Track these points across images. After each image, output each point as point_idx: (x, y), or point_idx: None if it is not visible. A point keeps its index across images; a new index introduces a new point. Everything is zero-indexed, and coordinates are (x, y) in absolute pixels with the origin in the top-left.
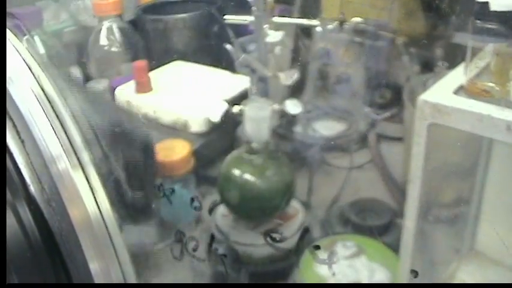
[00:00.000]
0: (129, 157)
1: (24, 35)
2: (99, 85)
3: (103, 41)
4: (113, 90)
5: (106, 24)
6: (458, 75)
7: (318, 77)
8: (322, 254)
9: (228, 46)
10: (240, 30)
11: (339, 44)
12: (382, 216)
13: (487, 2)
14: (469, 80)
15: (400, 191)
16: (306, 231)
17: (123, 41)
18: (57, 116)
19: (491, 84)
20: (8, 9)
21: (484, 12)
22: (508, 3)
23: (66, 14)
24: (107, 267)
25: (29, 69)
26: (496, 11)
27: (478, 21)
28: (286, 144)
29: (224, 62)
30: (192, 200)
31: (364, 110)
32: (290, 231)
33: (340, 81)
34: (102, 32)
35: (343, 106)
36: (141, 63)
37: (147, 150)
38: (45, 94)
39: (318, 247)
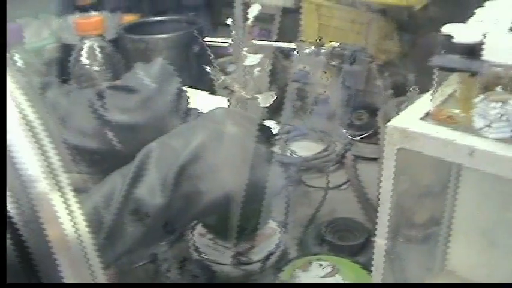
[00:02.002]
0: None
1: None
2: None
3: (84, 59)
4: None
5: (87, 43)
6: (426, 102)
7: (296, 98)
8: (289, 273)
9: (208, 68)
10: (221, 50)
11: (317, 66)
12: (357, 236)
13: (451, 34)
14: (435, 107)
15: (375, 211)
16: (270, 254)
17: (104, 60)
18: (36, 141)
19: (456, 111)
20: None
21: (449, 43)
22: (470, 36)
23: (48, 31)
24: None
25: (10, 94)
26: (459, 43)
27: (443, 52)
28: None
29: (204, 83)
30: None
31: (341, 131)
32: (266, 252)
33: (318, 103)
34: (83, 50)
35: (320, 127)
36: None
37: None
38: (25, 120)
39: (280, 269)
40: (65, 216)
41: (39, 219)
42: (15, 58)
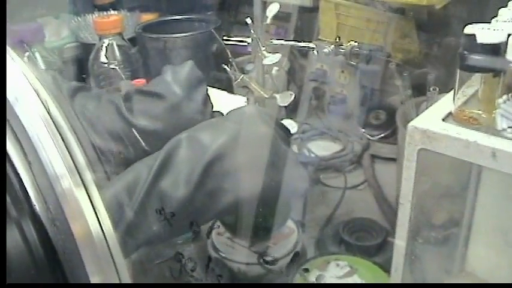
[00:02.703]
0: None
1: (26, 51)
2: None
3: (103, 58)
4: None
5: (106, 41)
6: (447, 102)
7: (314, 97)
8: (314, 274)
9: (226, 67)
10: (239, 49)
11: (335, 66)
12: (375, 236)
13: (474, 34)
14: (457, 108)
15: (393, 211)
16: (296, 255)
17: (123, 58)
18: (62, 138)
19: (478, 112)
20: (10, 26)
21: (472, 43)
22: (494, 36)
23: (67, 30)
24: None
25: (36, 93)
26: (482, 43)
27: (466, 52)
28: None
29: (222, 82)
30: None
31: (359, 131)
32: (284, 251)
33: (336, 102)
34: (102, 49)
35: (338, 127)
36: (140, 81)
37: None
38: (51, 117)
39: (307, 270)
40: (90, 213)
41: (65, 216)
42: (37, 56)
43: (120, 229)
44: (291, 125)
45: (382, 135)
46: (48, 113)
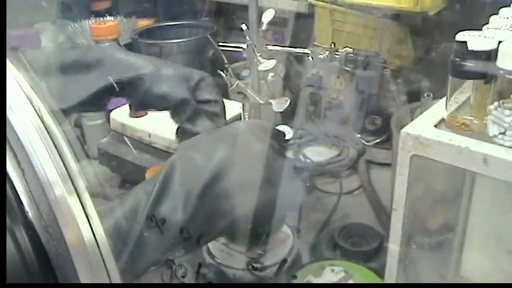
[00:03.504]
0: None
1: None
2: None
3: None
4: (108, 112)
5: None
6: (440, 109)
7: (309, 103)
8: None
9: (222, 73)
10: (235, 55)
11: (330, 71)
12: (370, 241)
13: (465, 41)
14: (449, 114)
15: (388, 216)
16: (284, 261)
17: None
18: (55, 146)
19: (470, 118)
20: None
21: (463, 50)
22: (485, 43)
23: (63, 36)
24: None
25: (29, 101)
26: (474, 50)
27: (457, 59)
28: None
29: (218, 88)
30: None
31: (355, 137)
32: (279, 257)
33: (332, 108)
34: None
35: (333, 132)
36: None
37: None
38: (44, 125)
39: (295, 276)
40: (83, 220)
41: (58, 223)
42: None
43: (121, 257)
44: (287, 130)
45: (377, 140)
46: (41, 120)
